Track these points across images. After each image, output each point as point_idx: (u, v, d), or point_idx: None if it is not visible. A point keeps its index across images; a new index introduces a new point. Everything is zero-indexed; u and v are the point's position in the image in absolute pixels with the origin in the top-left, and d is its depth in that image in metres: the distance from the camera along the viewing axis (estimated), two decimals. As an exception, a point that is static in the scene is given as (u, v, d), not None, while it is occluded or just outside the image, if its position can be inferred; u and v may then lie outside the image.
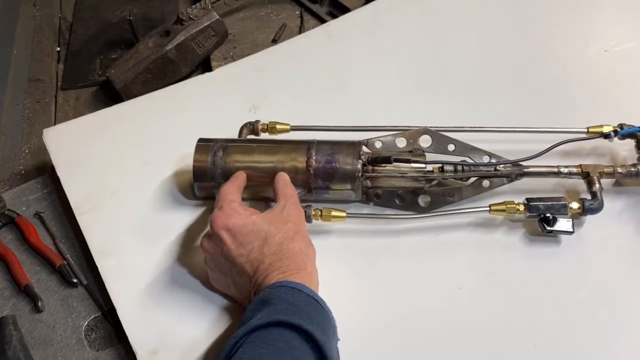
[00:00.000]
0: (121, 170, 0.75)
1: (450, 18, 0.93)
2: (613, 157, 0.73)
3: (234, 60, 0.96)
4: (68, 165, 0.76)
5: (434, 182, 0.69)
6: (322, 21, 1.06)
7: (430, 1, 0.96)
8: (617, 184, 0.70)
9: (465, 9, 0.93)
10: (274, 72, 0.89)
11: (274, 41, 1.04)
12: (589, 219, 0.66)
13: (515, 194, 0.69)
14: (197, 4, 1.01)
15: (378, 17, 0.96)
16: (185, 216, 0.70)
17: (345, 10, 1.05)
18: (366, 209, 0.70)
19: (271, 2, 1.13)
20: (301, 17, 1.09)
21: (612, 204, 0.68)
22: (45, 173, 0.81)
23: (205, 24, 0.99)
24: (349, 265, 0.66)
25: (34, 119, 0.98)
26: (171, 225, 0.69)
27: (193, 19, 0.99)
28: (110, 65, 1.01)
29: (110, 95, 0.99)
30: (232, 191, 0.62)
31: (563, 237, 0.65)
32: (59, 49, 1.14)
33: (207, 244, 0.60)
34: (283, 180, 0.65)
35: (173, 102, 0.85)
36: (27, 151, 0.91)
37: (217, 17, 1.00)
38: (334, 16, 1.05)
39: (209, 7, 1.01)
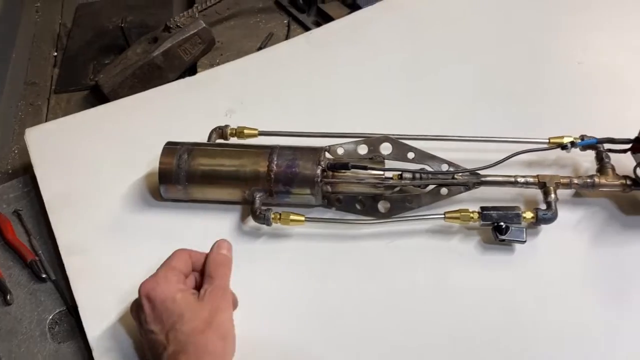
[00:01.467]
0: (96, 170, 0.78)
1: (427, 29, 0.94)
2: (575, 168, 0.74)
3: (219, 67, 0.99)
4: (45, 164, 0.79)
5: (396, 189, 0.71)
6: (308, 30, 1.09)
7: (410, 11, 0.97)
8: (577, 194, 0.71)
9: (442, 21, 0.95)
10: (252, 77, 0.91)
11: (260, 49, 1.06)
12: (545, 228, 0.67)
13: (475, 202, 0.69)
14: (185, 12, 1.04)
15: (359, 26, 0.98)
16: (152, 217, 0.72)
17: (330, 19, 1.07)
18: (329, 214, 0.72)
19: (260, 11, 1.16)
20: (288, 26, 1.12)
21: (570, 215, 0.69)
22: (28, 173, 0.84)
23: (192, 32, 1.02)
24: (307, 267, 0.67)
25: (25, 120, 1.01)
26: (138, 226, 0.71)
27: (180, 27, 1.02)
28: (101, 70, 1.05)
29: (100, 99, 1.02)
30: (181, 258, 0.59)
31: (517, 245, 0.66)
32: (56, 53, 1.18)
33: (134, 303, 0.58)
34: (215, 260, 0.59)
35: (152, 105, 0.88)
36: (15, 151, 0.94)
37: (204, 25, 1.03)
38: (320, 25, 1.07)
39: (197, 16, 1.04)
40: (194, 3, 1.12)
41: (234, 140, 0.77)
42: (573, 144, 0.69)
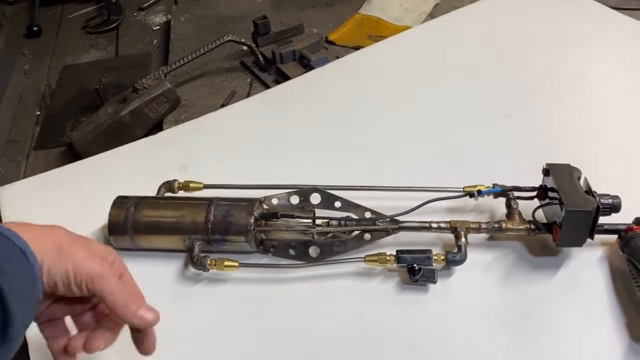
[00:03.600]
0: (60, 224, 0.85)
1: (364, 86, 1.04)
2: (492, 214, 0.80)
3: (184, 123, 1.07)
4: (15, 219, 0.86)
5: (329, 235, 0.77)
6: (269, 88, 1.18)
7: (354, 71, 1.07)
8: (491, 238, 0.77)
9: (377, 78, 1.06)
10: (209, 134, 1.00)
11: (222, 106, 1.15)
12: (457, 270, 0.73)
13: (399, 246, 0.75)
14: (152, 74, 1.14)
15: (309, 85, 1.08)
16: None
17: (288, 78, 1.17)
18: (265, 259, 0.78)
19: (226, 71, 1.26)
20: (250, 84, 1.22)
21: (481, 257, 0.75)
22: (0, 226, 0.92)
23: (158, 92, 1.12)
24: (241, 310, 0.73)
25: (5, 176, 1.10)
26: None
27: (147, 88, 1.11)
28: (75, 128, 1.14)
29: (75, 155, 1.11)
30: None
31: (431, 286, 0.72)
32: (38, 112, 1.28)
33: None
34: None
35: (117, 162, 0.96)
36: (-7, 205, 1.02)
37: (169, 86, 1.13)
38: (279, 83, 1.16)
39: (163, 78, 1.14)
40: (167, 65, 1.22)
41: (181, 193, 0.84)
42: (480, 192, 0.75)
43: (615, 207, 0.70)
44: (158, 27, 1.52)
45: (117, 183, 0.90)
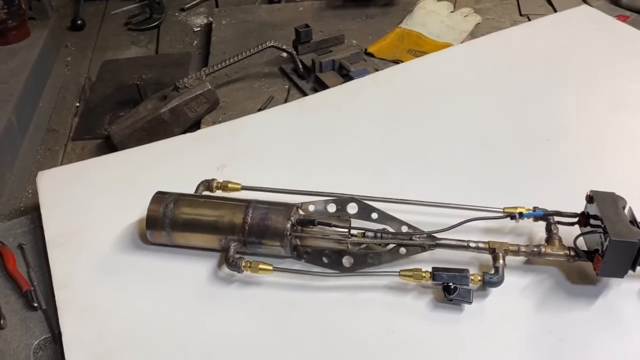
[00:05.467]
0: (95, 213, 0.86)
1: (406, 103, 1.04)
2: (530, 237, 0.79)
3: (221, 125, 1.08)
4: (51, 205, 0.88)
5: (363, 246, 0.77)
6: (306, 95, 1.18)
7: (395, 86, 1.07)
8: (528, 262, 0.76)
9: (420, 96, 1.06)
10: (247, 136, 1.00)
11: (260, 110, 1.16)
12: (493, 291, 0.72)
13: (435, 263, 0.75)
14: (194, 75, 1.16)
15: (348, 95, 1.08)
16: (138, 259, 0.79)
17: (326, 87, 1.17)
18: (297, 265, 0.78)
19: (265, 76, 1.27)
20: (288, 91, 1.22)
21: (518, 280, 0.74)
22: (36, 211, 0.93)
23: (198, 92, 1.13)
24: (270, 314, 0.73)
25: (43, 164, 1.12)
26: (124, 267, 0.78)
27: (188, 87, 1.13)
28: (114, 122, 1.15)
29: (111, 148, 1.12)
30: None
31: (466, 305, 0.71)
32: (78, 104, 1.30)
33: None
34: None
35: (154, 157, 0.97)
36: (30, 191, 1.04)
37: (209, 87, 1.14)
38: (317, 92, 1.17)
39: (204, 78, 1.15)
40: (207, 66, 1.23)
41: (219, 193, 0.85)
42: (521, 214, 0.74)
43: (659, 240, 0.69)
44: (199, 29, 1.54)
45: (154, 177, 0.91)
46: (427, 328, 0.70)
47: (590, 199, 0.73)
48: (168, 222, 0.77)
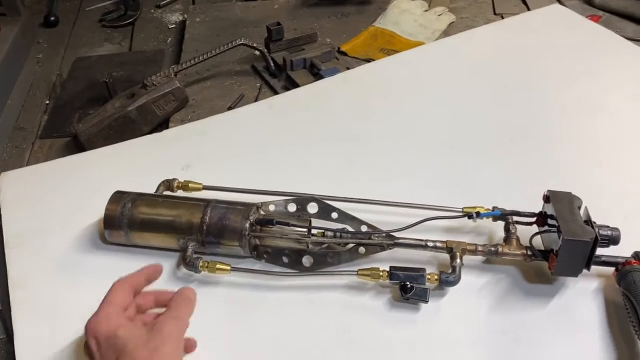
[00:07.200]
0: (56, 214, 0.85)
1: (373, 100, 1.04)
2: (490, 236, 0.79)
3: (190, 123, 1.08)
4: (12, 206, 0.86)
5: (324, 245, 0.77)
6: (277, 94, 1.18)
7: (364, 84, 1.07)
8: (487, 261, 0.76)
9: (387, 93, 1.06)
10: (213, 136, 1.00)
11: (230, 109, 1.16)
12: (451, 290, 0.72)
13: (394, 262, 0.75)
14: (162, 72, 1.15)
15: (317, 94, 1.08)
16: (96, 260, 0.78)
17: (297, 86, 1.17)
18: (257, 265, 0.78)
19: (237, 74, 1.27)
20: (260, 89, 1.22)
21: (476, 279, 0.74)
22: (-1, 212, 0.92)
23: (167, 90, 1.12)
24: (228, 314, 0.72)
25: (8, 162, 1.11)
26: (82, 267, 0.77)
27: (156, 85, 1.12)
28: (81, 120, 1.14)
29: (79, 146, 1.12)
30: (119, 290, 0.61)
31: (422, 305, 0.71)
32: (47, 101, 1.28)
33: (85, 342, 0.58)
34: (180, 294, 0.61)
35: (119, 157, 0.96)
36: (-7, 190, 1.02)
37: (178, 84, 1.13)
38: (288, 90, 1.16)
39: (172, 76, 1.14)
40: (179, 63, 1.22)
41: (180, 192, 0.84)
42: (478, 214, 0.75)
43: (614, 240, 0.69)
44: (174, 26, 1.53)
45: (118, 178, 0.90)
46: (383, 327, 0.70)
47: (546, 198, 0.73)
48: (126, 222, 0.76)
